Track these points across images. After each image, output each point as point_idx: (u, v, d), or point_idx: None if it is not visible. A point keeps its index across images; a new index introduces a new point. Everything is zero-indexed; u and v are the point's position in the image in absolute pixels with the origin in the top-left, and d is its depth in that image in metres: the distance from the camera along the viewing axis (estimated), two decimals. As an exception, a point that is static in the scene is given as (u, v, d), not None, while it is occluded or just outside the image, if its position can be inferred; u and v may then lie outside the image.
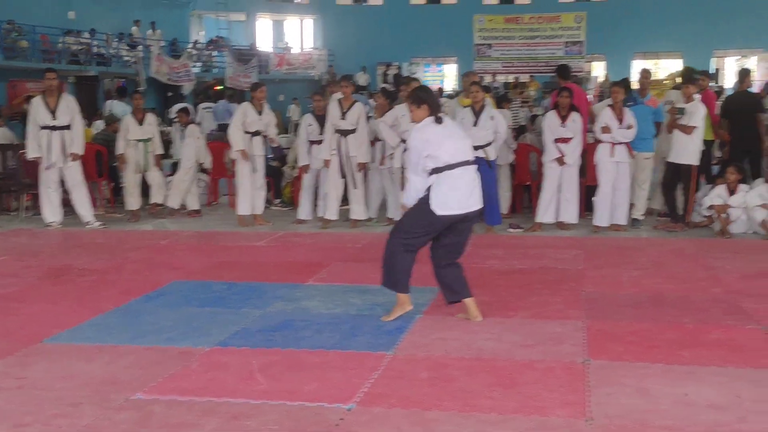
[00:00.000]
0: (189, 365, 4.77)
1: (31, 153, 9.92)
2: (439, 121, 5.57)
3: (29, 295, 6.66)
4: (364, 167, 9.81)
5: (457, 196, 5.52)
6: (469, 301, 5.78)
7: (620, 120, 9.17)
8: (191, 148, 10.99)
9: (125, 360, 4.88)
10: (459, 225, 5.66)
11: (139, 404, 4.16)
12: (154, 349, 5.10)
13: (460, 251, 5.84)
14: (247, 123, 9.94)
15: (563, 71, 10.35)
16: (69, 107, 9.99)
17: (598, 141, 9.38)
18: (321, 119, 9.96)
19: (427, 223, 5.55)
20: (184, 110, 12.06)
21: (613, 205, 9.34)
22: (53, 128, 9.87)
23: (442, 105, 11.56)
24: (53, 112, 9.87)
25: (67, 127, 9.92)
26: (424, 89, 5.90)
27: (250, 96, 10.36)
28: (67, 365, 4.80)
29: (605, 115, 9.27)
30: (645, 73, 10.07)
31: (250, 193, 10.05)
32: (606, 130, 9.15)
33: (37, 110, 9.90)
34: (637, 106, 9.53)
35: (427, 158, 5.48)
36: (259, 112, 10.02)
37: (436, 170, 5.49)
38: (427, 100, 5.59)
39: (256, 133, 9.99)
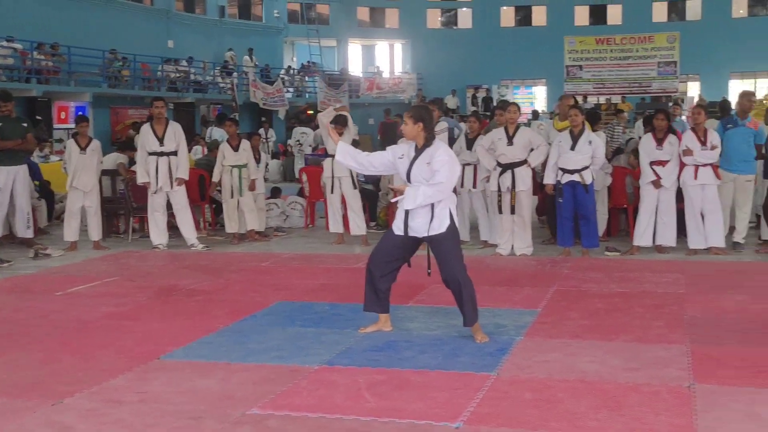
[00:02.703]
0: (299, 383, 4.95)
1: (140, 178, 10.37)
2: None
3: (142, 314, 6.97)
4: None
5: None
6: (384, 316, 6.10)
7: (703, 142, 9.07)
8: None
9: (238, 377, 5.09)
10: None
11: (256, 419, 4.35)
12: (264, 366, 5.29)
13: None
14: (328, 147, 10.36)
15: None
16: (175, 134, 10.41)
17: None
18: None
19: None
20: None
21: (707, 228, 9.22)
22: (161, 154, 10.29)
23: (538, 127, 11.60)
24: (161, 139, 10.30)
25: (174, 153, 10.33)
26: (426, 109, 6.02)
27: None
28: (184, 381, 5.04)
29: (686, 138, 9.20)
30: (746, 95, 9.91)
31: (338, 212, 10.64)
32: (688, 152, 9.06)
33: (146, 137, 10.34)
34: (737, 129, 9.40)
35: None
36: (340, 134, 10.32)
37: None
38: (425, 119, 5.74)
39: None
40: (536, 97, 36.68)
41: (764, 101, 22.54)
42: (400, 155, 5.88)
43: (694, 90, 34.93)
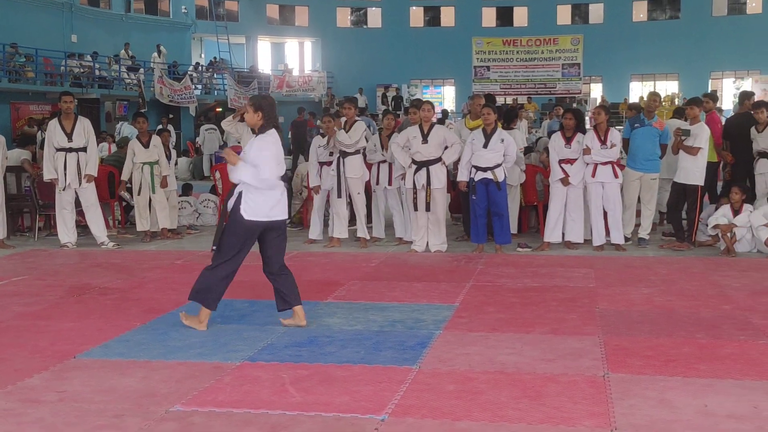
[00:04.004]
0: (222, 379, 4.92)
1: (47, 175, 10.10)
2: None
3: (54, 313, 6.80)
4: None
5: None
6: (298, 308, 6.16)
7: (603, 141, 9.38)
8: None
9: (160, 374, 5.02)
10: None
11: (180, 416, 4.31)
12: (186, 364, 5.24)
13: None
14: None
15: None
16: (85, 130, 10.18)
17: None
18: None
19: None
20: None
21: (608, 225, 9.55)
22: (69, 150, 10.03)
23: (447, 126, 11.73)
24: (69, 135, 10.05)
25: (83, 149, 10.09)
26: (266, 98, 6.25)
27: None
28: (103, 379, 4.95)
29: (587, 137, 9.50)
30: (653, 95, 10.28)
31: None
32: (586, 151, 9.36)
33: (54, 132, 10.07)
34: (643, 128, 9.74)
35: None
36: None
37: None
38: (263, 107, 5.97)
39: None
40: (444, 97, 37.13)
41: (664, 102, 23.40)
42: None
43: (597, 91, 35.96)
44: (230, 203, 5.98)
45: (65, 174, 10.05)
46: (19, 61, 24.08)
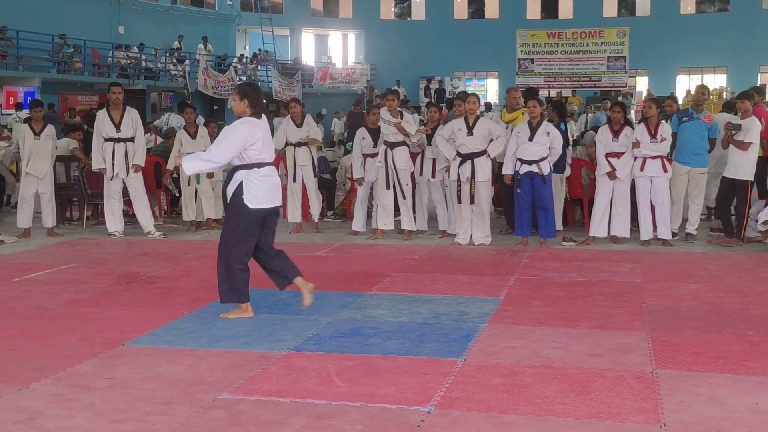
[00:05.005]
0: (268, 368, 4.95)
1: (95, 164, 10.24)
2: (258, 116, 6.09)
3: (103, 300, 6.90)
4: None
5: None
6: (298, 279, 6.22)
7: (653, 134, 9.25)
8: None
9: (207, 362, 5.07)
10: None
11: (227, 404, 4.35)
12: (232, 352, 5.29)
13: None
14: (289, 134, 10.49)
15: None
16: (133, 120, 10.29)
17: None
18: (374, 133, 10.17)
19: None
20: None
21: (656, 220, 9.43)
22: (117, 140, 10.16)
23: (490, 117, 11.62)
24: (117, 125, 10.17)
25: (131, 140, 10.21)
26: (252, 86, 6.36)
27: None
28: (151, 366, 5.01)
29: (637, 130, 9.38)
30: (701, 89, 10.13)
31: (298, 201, 10.69)
32: (636, 144, 9.24)
33: (102, 123, 10.20)
34: (691, 122, 9.60)
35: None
36: (299, 125, 10.40)
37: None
38: (249, 95, 6.06)
39: (297, 144, 10.49)
40: (487, 90, 36.92)
41: (712, 96, 23.06)
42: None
43: (642, 85, 35.51)
44: (229, 190, 6.07)
45: (113, 164, 10.18)
46: (67, 52, 24.42)
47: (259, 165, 6.06)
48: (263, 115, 6.17)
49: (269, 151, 6.17)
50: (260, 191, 6.03)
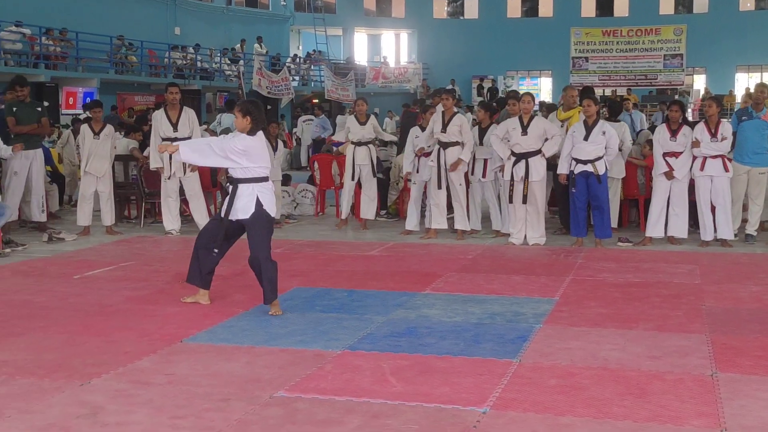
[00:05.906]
0: (323, 366, 4.99)
1: (153, 164, 10.40)
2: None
3: (161, 298, 7.01)
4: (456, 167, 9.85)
5: None
6: (204, 291, 6.65)
7: (713, 134, 9.09)
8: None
9: (263, 360, 5.13)
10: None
11: (284, 401, 4.39)
12: (288, 350, 5.33)
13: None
14: (351, 133, 10.71)
15: None
16: (189, 120, 10.43)
17: None
18: (429, 132, 10.16)
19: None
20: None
21: (716, 220, 9.26)
22: (174, 140, 10.28)
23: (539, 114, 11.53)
24: (175, 125, 10.31)
25: (188, 139, 10.33)
26: (254, 104, 6.56)
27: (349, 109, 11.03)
28: (209, 363, 5.08)
29: (697, 129, 9.22)
30: (761, 88, 9.92)
31: (352, 198, 10.93)
32: (695, 144, 9.09)
33: (160, 123, 10.36)
34: (752, 121, 9.42)
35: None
36: (362, 123, 10.52)
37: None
38: (252, 112, 6.31)
39: (358, 143, 10.68)
40: (541, 88, 36.64)
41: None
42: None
43: (700, 83, 34.94)
44: (247, 204, 6.31)
45: (170, 163, 10.32)
46: (123, 52, 24.85)
47: (266, 179, 6.44)
48: (260, 132, 6.39)
49: (269, 166, 6.57)
50: (272, 200, 6.45)
